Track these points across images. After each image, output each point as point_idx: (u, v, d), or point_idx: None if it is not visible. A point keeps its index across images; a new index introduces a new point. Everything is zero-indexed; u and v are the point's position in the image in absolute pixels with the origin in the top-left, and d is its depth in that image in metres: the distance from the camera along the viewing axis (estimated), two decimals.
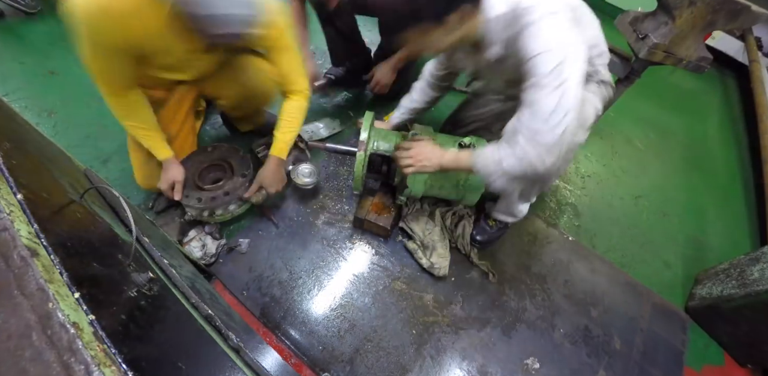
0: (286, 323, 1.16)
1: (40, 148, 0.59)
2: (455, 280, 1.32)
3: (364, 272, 1.30)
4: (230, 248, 1.29)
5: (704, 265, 1.48)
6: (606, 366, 1.22)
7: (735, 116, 2.30)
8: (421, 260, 1.29)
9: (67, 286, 0.33)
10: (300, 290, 1.24)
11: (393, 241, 1.38)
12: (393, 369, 1.12)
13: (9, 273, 0.30)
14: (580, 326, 1.29)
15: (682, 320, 1.37)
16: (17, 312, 0.28)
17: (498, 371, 1.16)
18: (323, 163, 1.57)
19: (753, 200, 1.84)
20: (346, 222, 1.41)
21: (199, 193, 1.21)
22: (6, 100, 0.71)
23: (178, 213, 1.30)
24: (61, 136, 1.52)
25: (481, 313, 1.26)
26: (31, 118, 1.46)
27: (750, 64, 2.32)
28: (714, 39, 2.75)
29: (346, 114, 1.79)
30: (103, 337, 0.31)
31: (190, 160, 1.28)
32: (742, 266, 1.28)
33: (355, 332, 1.17)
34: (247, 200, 1.26)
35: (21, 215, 0.36)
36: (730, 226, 1.71)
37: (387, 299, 1.25)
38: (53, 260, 0.34)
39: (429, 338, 1.19)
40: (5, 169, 0.39)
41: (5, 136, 0.49)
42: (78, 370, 0.27)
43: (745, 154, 2.08)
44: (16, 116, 0.59)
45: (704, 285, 1.39)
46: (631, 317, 1.34)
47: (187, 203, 1.19)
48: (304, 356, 1.11)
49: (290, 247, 1.33)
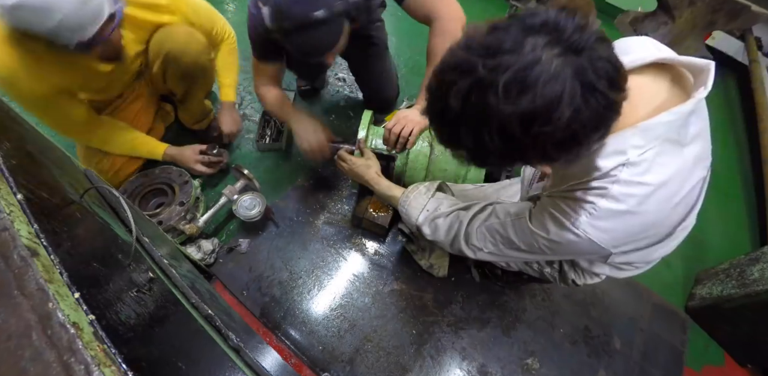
0: (286, 323, 1.16)
1: (40, 148, 0.59)
2: (455, 280, 1.32)
3: (364, 272, 1.30)
4: (230, 248, 1.29)
5: (704, 265, 1.48)
6: (606, 366, 1.22)
7: (735, 116, 2.29)
8: (421, 260, 1.29)
9: (67, 286, 0.33)
10: (300, 290, 1.24)
11: (393, 241, 1.38)
12: (393, 369, 1.12)
13: (9, 273, 0.30)
14: (580, 326, 1.29)
15: (682, 320, 1.37)
16: (17, 312, 0.28)
17: (498, 371, 1.16)
18: (323, 163, 1.57)
19: (753, 200, 1.84)
20: (345, 222, 1.41)
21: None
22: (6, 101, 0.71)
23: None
24: (61, 137, 1.52)
25: (481, 313, 1.26)
26: (31, 119, 1.46)
27: (750, 64, 2.31)
28: (714, 39, 2.74)
29: (345, 116, 1.79)
30: (103, 337, 0.31)
31: (135, 183, 1.28)
32: (742, 266, 1.28)
33: (355, 332, 1.17)
34: (182, 232, 1.21)
35: (21, 215, 0.36)
36: (730, 226, 1.71)
37: (387, 299, 1.25)
38: (53, 260, 0.34)
39: (429, 338, 1.19)
40: (5, 169, 0.39)
41: (5, 136, 0.49)
42: (78, 370, 0.27)
43: (745, 154, 2.07)
44: (16, 116, 0.59)
45: (704, 285, 1.39)
46: (631, 317, 1.34)
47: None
48: (304, 356, 1.11)
49: (290, 247, 1.33)
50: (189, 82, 1.27)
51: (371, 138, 1.20)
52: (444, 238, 0.86)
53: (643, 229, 0.60)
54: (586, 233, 0.59)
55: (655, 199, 0.56)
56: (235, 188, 1.31)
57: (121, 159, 1.30)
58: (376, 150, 1.20)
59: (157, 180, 1.28)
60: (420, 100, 1.22)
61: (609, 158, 0.56)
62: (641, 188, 0.56)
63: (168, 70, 1.20)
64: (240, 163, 1.35)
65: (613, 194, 0.56)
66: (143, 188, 1.26)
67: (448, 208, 0.87)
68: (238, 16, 2.14)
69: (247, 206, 1.27)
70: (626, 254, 0.69)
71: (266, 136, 1.59)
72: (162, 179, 1.28)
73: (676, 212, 0.61)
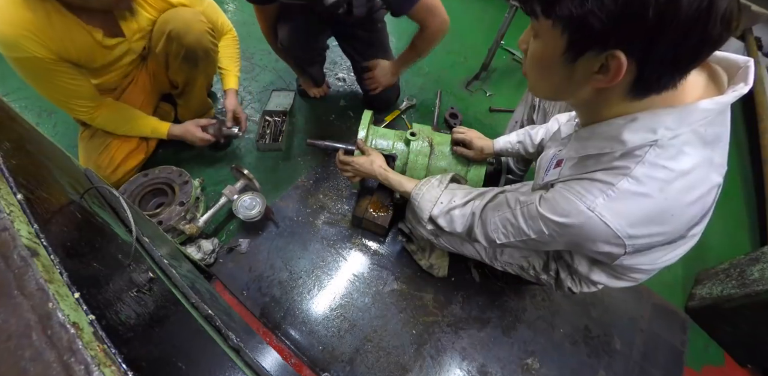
0: (286, 323, 1.16)
1: (40, 148, 0.59)
2: (455, 280, 1.32)
3: (364, 272, 1.30)
4: (230, 248, 1.29)
5: (704, 265, 1.48)
6: (606, 366, 1.22)
7: (735, 116, 2.30)
8: (421, 260, 1.29)
9: (67, 286, 0.33)
10: (300, 290, 1.24)
11: (393, 241, 1.38)
12: (393, 369, 1.12)
13: (9, 273, 0.30)
14: (580, 326, 1.29)
15: (682, 320, 1.37)
16: (17, 312, 0.28)
17: (498, 371, 1.16)
18: (323, 163, 1.57)
19: (753, 200, 1.84)
20: (345, 222, 1.41)
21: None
22: (6, 100, 0.71)
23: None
24: (61, 137, 1.52)
25: (481, 313, 1.26)
26: (31, 118, 1.46)
27: None
28: None
29: (345, 116, 1.79)
30: (103, 337, 0.31)
31: (135, 183, 1.27)
32: (742, 266, 1.28)
33: (355, 332, 1.17)
34: (182, 232, 1.21)
35: (21, 215, 0.36)
36: (730, 226, 1.71)
37: (387, 299, 1.25)
38: (53, 260, 0.34)
39: (429, 338, 1.19)
40: (5, 169, 0.39)
41: (5, 136, 0.49)
42: (78, 370, 0.27)
43: (744, 154, 2.07)
44: (16, 116, 0.59)
45: (704, 285, 1.39)
46: (631, 317, 1.34)
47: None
48: (304, 356, 1.11)
49: (290, 247, 1.33)
50: (191, 65, 1.26)
51: (371, 138, 1.21)
52: (461, 229, 0.85)
53: (660, 218, 0.57)
54: (602, 216, 0.56)
55: (676, 187, 0.54)
56: (235, 187, 1.31)
57: (120, 154, 1.30)
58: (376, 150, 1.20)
59: (157, 180, 1.28)
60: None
61: (637, 133, 0.54)
62: (665, 172, 0.53)
63: (171, 51, 1.20)
64: (240, 164, 1.35)
65: (636, 175, 0.54)
66: (143, 188, 1.26)
67: (462, 199, 0.86)
68: (238, 16, 2.14)
69: (247, 206, 1.27)
70: (637, 255, 0.66)
71: (266, 136, 1.59)
72: (162, 179, 1.28)
73: (692, 209, 0.58)
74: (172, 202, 1.22)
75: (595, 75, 0.50)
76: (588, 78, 0.51)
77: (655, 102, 0.53)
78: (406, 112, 1.81)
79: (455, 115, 1.79)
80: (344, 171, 1.16)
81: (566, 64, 0.52)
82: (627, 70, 0.47)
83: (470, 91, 1.96)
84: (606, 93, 0.54)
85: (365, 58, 1.54)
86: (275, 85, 1.82)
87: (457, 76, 2.02)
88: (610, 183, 0.56)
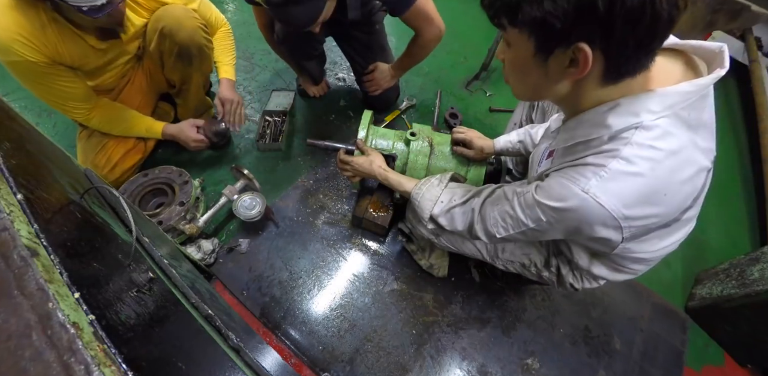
0: (286, 323, 1.16)
1: (40, 148, 0.59)
2: (455, 280, 1.32)
3: (364, 272, 1.30)
4: (230, 248, 1.29)
5: (704, 265, 1.48)
6: (606, 366, 1.22)
7: (735, 116, 2.29)
8: (421, 260, 1.29)
9: (67, 286, 0.33)
10: (300, 290, 1.24)
11: (393, 241, 1.38)
12: (393, 369, 1.12)
13: (9, 273, 0.30)
14: (580, 326, 1.29)
15: (681, 320, 1.37)
16: (17, 312, 0.28)
17: (498, 371, 1.16)
18: (323, 163, 1.57)
19: (753, 200, 1.84)
20: (345, 222, 1.41)
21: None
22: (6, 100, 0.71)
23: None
24: (60, 136, 1.52)
25: (481, 313, 1.26)
26: (31, 118, 1.46)
27: (750, 64, 2.32)
28: (714, 39, 2.75)
29: (345, 116, 1.79)
30: (103, 337, 0.31)
31: (135, 183, 1.27)
32: (742, 266, 1.28)
33: (355, 332, 1.17)
34: (182, 232, 1.21)
35: (21, 215, 0.36)
36: (730, 226, 1.71)
37: (387, 299, 1.25)
38: (53, 260, 0.34)
39: (429, 338, 1.19)
40: (5, 169, 0.39)
41: (5, 136, 0.49)
42: (78, 370, 0.27)
43: (745, 154, 2.07)
44: (16, 116, 0.59)
45: (704, 285, 1.39)
46: (631, 317, 1.34)
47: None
48: (304, 356, 1.11)
49: (290, 247, 1.33)
50: (185, 62, 1.26)
51: (371, 138, 1.21)
52: (462, 227, 0.85)
53: (654, 198, 0.58)
54: (596, 197, 0.57)
55: (667, 166, 0.56)
56: (235, 187, 1.31)
57: (117, 154, 1.30)
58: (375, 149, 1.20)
59: (157, 180, 1.28)
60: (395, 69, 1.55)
61: (621, 117, 0.56)
62: (653, 151, 0.55)
63: (164, 48, 1.20)
64: (240, 164, 1.35)
65: (625, 155, 0.56)
66: (143, 188, 1.26)
67: (462, 197, 0.87)
68: (238, 16, 2.14)
69: (247, 206, 1.27)
70: (635, 242, 0.68)
71: (266, 136, 1.59)
72: (162, 179, 1.28)
73: (684, 189, 0.60)
74: (172, 202, 1.22)
75: (568, 69, 0.53)
76: (562, 73, 0.55)
77: (633, 88, 0.56)
78: (406, 112, 1.81)
79: (455, 115, 1.79)
80: (344, 171, 1.16)
81: (540, 64, 0.56)
82: (595, 59, 0.50)
83: (470, 91, 1.96)
84: (583, 84, 0.57)
85: (364, 59, 1.54)
86: (275, 85, 1.82)
87: (457, 76, 2.02)
88: (602, 165, 0.58)
